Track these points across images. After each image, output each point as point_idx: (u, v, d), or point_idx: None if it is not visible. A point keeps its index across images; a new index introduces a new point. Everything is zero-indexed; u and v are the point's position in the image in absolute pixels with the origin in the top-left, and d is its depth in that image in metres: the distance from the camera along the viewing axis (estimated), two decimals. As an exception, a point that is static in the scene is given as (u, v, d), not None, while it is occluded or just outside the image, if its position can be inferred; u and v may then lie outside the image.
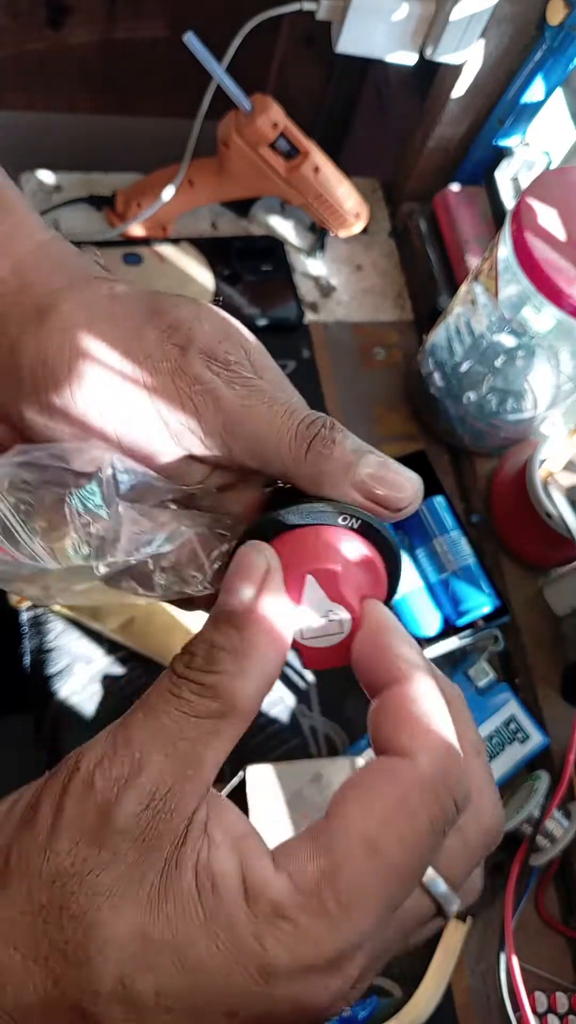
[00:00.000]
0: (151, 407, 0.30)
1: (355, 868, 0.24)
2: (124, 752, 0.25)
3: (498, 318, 0.66)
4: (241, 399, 0.30)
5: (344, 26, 0.71)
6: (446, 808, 0.25)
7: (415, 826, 0.25)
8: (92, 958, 0.23)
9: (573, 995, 0.64)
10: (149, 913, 0.23)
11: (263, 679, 0.27)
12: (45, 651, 0.64)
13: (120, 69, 1.09)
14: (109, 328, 0.30)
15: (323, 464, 0.29)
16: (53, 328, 0.30)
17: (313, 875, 0.24)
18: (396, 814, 0.25)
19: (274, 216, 0.89)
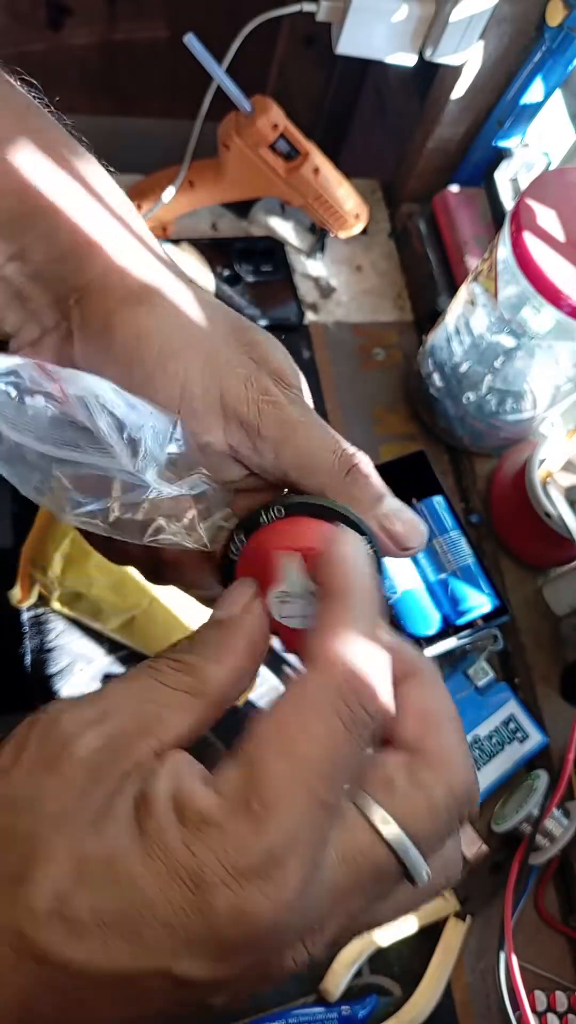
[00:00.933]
0: (219, 401, 0.33)
1: (272, 768, 0.25)
2: (94, 701, 0.27)
3: (497, 319, 0.66)
4: (299, 415, 0.33)
5: (344, 27, 0.72)
6: (354, 708, 0.26)
7: (329, 725, 0.26)
8: (31, 876, 0.24)
9: (572, 994, 0.64)
10: (89, 835, 0.24)
11: (235, 672, 0.29)
12: (46, 650, 0.64)
13: (120, 70, 1.09)
14: (199, 325, 0.33)
15: (356, 489, 0.33)
16: (152, 309, 0.33)
17: (235, 782, 0.25)
18: (307, 715, 0.26)
19: (274, 217, 0.89)
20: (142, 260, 0.34)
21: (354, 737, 0.26)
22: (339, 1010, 0.59)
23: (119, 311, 0.32)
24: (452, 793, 0.28)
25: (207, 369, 0.33)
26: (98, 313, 0.33)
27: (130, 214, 0.35)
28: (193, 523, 0.34)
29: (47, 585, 0.63)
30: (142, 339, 0.32)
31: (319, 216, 0.82)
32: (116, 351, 0.32)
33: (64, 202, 0.33)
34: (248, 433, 0.33)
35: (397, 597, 0.65)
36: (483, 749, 0.68)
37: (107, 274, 0.33)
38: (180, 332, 0.33)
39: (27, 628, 0.65)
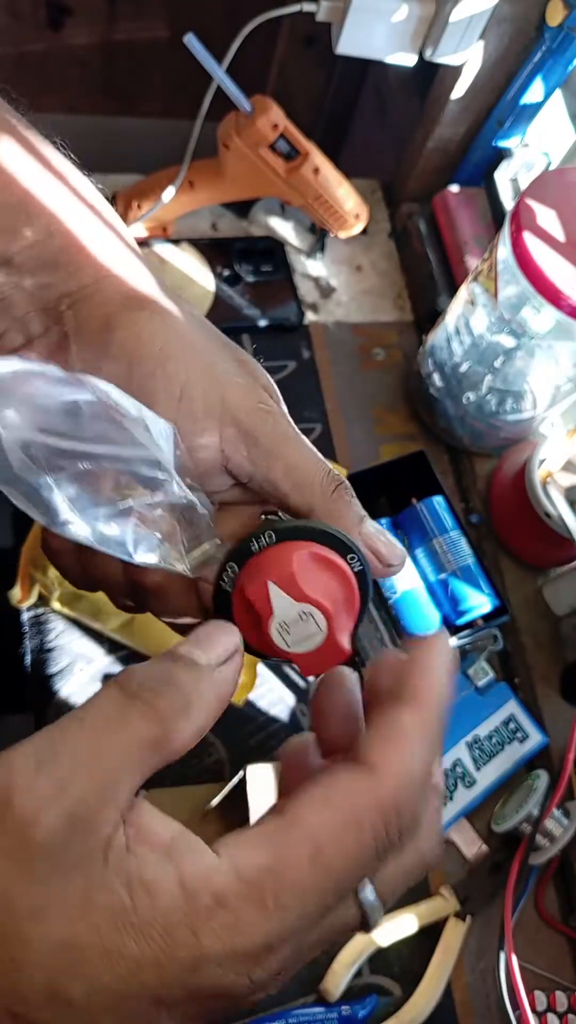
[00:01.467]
0: (220, 406, 0.33)
1: (298, 870, 0.25)
2: (47, 768, 0.25)
3: (497, 319, 0.66)
4: (293, 430, 0.34)
5: (344, 27, 0.72)
6: (391, 833, 0.26)
7: (361, 843, 0.26)
8: (20, 970, 0.23)
9: (572, 994, 0.64)
10: (76, 924, 0.24)
11: (200, 730, 0.28)
12: (46, 650, 0.64)
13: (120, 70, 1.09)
14: (197, 334, 0.34)
15: (342, 508, 0.34)
16: (152, 313, 0.33)
17: (258, 868, 0.25)
18: (346, 828, 0.25)
19: (274, 217, 0.89)
20: (134, 269, 0.34)
21: (380, 858, 0.26)
22: (339, 1010, 0.59)
23: (119, 314, 0.33)
24: (422, 861, 0.29)
25: (207, 374, 0.33)
26: (96, 316, 0.33)
27: (115, 221, 0.36)
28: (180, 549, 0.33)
29: (47, 585, 0.63)
30: (143, 339, 0.32)
31: (319, 216, 0.82)
32: (115, 351, 0.32)
33: (53, 208, 0.33)
34: (245, 441, 0.33)
35: (397, 597, 0.66)
36: (483, 749, 0.68)
37: (101, 281, 0.33)
38: (179, 338, 0.33)
39: (27, 628, 0.65)
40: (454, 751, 0.67)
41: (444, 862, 0.66)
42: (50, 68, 1.06)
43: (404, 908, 0.63)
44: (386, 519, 0.70)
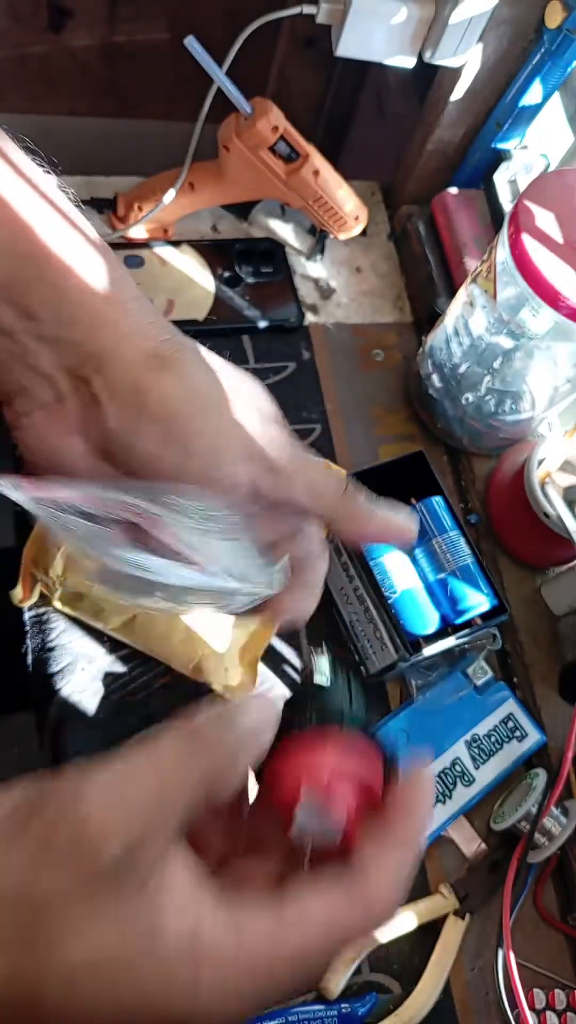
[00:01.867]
0: (247, 445, 0.38)
1: (292, 952, 0.28)
2: (121, 798, 0.27)
3: (496, 320, 0.67)
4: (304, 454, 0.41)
5: (344, 29, 0.72)
6: (369, 929, 0.30)
7: (345, 936, 0.29)
8: (46, 975, 0.26)
9: (571, 992, 0.64)
10: (105, 948, 0.26)
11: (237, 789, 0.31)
12: (47, 650, 0.64)
13: (121, 72, 1.09)
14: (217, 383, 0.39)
15: (354, 506, 0.41)
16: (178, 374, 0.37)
17: (263, 943, 0.28)
18: (337, 926, 0.29)
19: (274, 219, 0.90)
20: (146, 319, 0.37)
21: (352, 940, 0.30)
22: (339, 1008, 0.59)
23: (145, 376, 0.36)
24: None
25: (231, 421, 0.38)
26: (126, 381, 0.36)
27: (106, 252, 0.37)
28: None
29: (49, 585, 0.63)
30: (177, 399, 0.37)
31: (319, 218, 0.82)
32: (152, 411, 0.36)
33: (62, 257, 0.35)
34: (271, 472, 0.39)
35: (397, 597, 0.66)
36: (482, 748, 0.68)
37: (120, 342, 0.36)
38: (204, 396, 0.38)
39: (29, 627, 0.65)
40: (453, 750, 0.67)
41: (443, 860, 0.66)
42: (51, 70, 1.06)
43: (403, 906, 0.63)
44: (385, 519, 0.70)
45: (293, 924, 0.29)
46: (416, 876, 0.65)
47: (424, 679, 0.70)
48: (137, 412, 0.36)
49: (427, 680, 0.70)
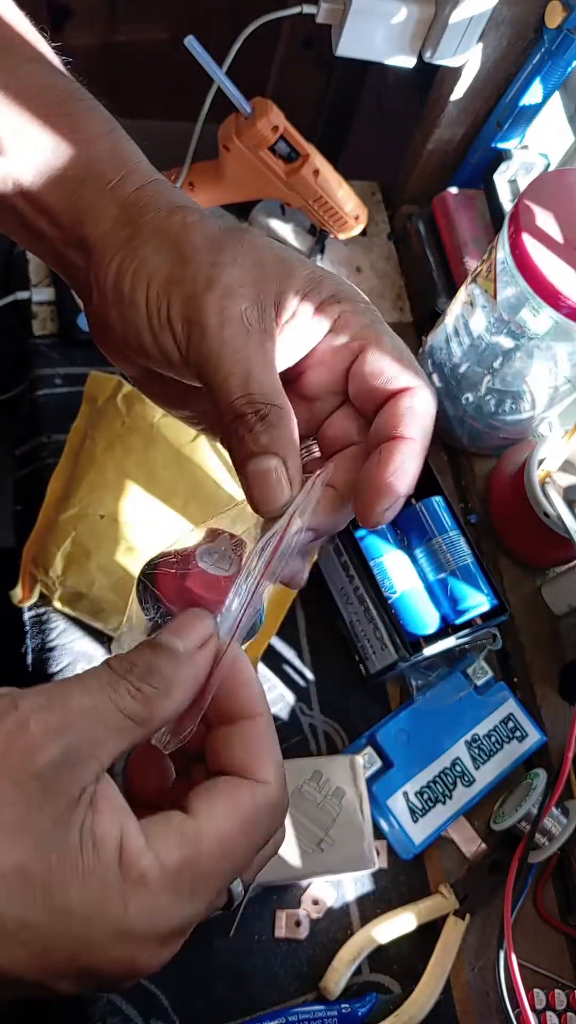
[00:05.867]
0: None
1: (211, 862, 0.29)
2: (58, 708, 0.28)
3: (496, 320, 0.67)
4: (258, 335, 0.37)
5: (344, 29, 0.72)
6: (275, 828, 0.32)
7: (258, 837, 0.31)
8: None
9: (571, 992, 0.64)
10: (35, 854, 0.26)
11: (179, 706, 0.32)
12: (47, 649, 0.64)
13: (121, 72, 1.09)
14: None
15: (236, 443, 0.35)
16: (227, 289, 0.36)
17: (178, 860, 0.29)
18: (250, 825, 0.31)
19: (274, 219, 0.89)
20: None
21: (261, 847, 0.32)
22: (339, 1008, 0.59)
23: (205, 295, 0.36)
24: (273, 851, 0.34)
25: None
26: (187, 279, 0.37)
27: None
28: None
29: (48, 585, 0.63)
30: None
31: (319, 218, 0.82)
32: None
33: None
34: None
35: (396, 597, 0.66)
36: (482, 748, 0.68)
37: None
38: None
39: (29, 627, 0.65)
40: (453, 750, 0.67)
41: (444, 860, 0.66)
42: (51, 70, 1.06)
43: (403, 906, 0.63)
44: (385, 519, 0.70)
45: (209, 839, 0.30)
46: (416, 876, 0.65)
47: (424, 679, 0.70)
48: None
49: (427, 680, 0.70)
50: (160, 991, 0.57)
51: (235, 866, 0.30)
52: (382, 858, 0.65)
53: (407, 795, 0.65)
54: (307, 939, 0.61)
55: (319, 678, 0.70)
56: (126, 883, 0.27)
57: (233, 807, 0.31)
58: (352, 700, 0.69)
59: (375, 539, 0.68)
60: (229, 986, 0.59)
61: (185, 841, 0.29)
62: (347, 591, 0.68)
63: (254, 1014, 0.58)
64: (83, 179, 0.39)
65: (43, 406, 0.73)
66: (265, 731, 0.33)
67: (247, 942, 0.60)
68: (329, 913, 0.62)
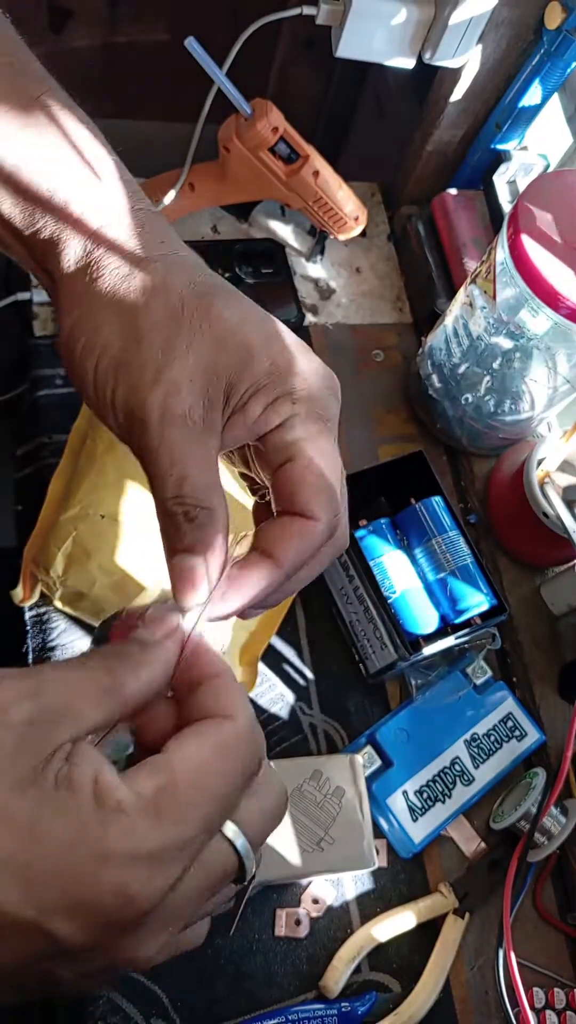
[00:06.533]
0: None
1: (187, 787, 0.30)
2: (32, 676, 0.30)
3: (496, 320, 0.67)
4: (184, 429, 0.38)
5: (344, 30, 0.72)
6: (253, 759, 0.33)
7: (234, 766, 0.32)
8: None
9: (571, 991, 0.64)
10: (12, 793, 0.27)
11: (148, 686, 0.33)
12: (48, 649, 0.64)
13: (121, 73, 1.09)
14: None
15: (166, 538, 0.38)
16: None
17: (152, 789, 0.30)
18: (223, 753, 0.32)
19: (274, 220, 0.90)
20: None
21: (246, 783, 0.33)
22: (339, 1006, 0.59)
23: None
24: (276, 803, 0.35)
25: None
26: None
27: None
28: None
29: (49, 584, 0.63)
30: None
31: (319, 218, 0.83)
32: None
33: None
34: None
35: (396, 597, 0.66)
36: (481, 747, 0.68)
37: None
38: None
39: (30, 627, 0.65)
40: (453, 749, 0.68)
41: (443, 859, 0.67)
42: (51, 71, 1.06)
43: (403, 905, 0.63)
44: (385, 519, 0.70)
45: (182, 768, 0.31)
46: (416, 875, 0.65)
47: (424, 679, 0.70)
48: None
49: (427, 680, 0.70)
50: (161, 990, 0.57)
51: (215, 793, 0.31)
52: (382, 857, 0.65)
53: (407, 794, 0.65)
54: (307, 938, 0.61)
55: (319, 677, 0.70)
56: (103, 811, 0.28)
57: (203, 739, 0.32)
58: (352, 699, 0.70)
59: (375, 539, 0.68)
60: (229, 985, 0.59)
61: (159, 772, 0.30)
62: (347, 591, 0.69)
63: (254, 1013, 0.58)
64: (48, 207, 0.38)
65: (44, 406, 0.74)
66: (230, 682, 0.35)
67: (247, 941, 0.60)
68: (329, 912, 0.63)
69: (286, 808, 0.36)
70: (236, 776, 0.32)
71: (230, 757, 0.32)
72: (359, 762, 0.63)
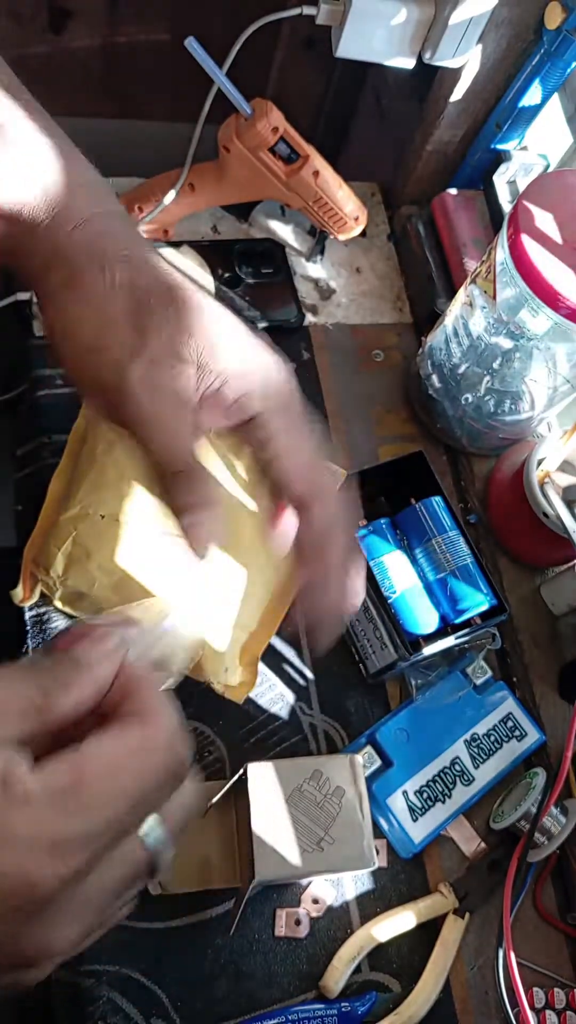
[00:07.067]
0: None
1: (98, 782, 0.31)
2: None
3: (496, 320, 0.67)
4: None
5: (344, 30, 0.72)
6: (173, 762, 0.33)
7: (149, 767, 0.32)
8: None
9: (571, 991, 0.64)
10: None
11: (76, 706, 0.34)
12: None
13: (121, 73, 1.10)
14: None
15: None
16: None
17: (62, 780, 0.30)
18: (137, 754, 0.32)
19: (274, 220, 0.90)
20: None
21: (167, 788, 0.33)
22: (339, 1006, 0.59)
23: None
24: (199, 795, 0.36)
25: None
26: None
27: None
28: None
29: (49, 584, 0.63)
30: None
31: (319, 219, 0.83)
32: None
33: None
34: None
35: (396, 597, 0.66)
36: (481, 747, 0.68)
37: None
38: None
39: (30, 627, 0.65)
40: (452, 749, 0.68)
41: (443, 859, 0.67)
42: (51, 71, 1.06)
43: (403, 905, 0.63)
44: (385, 519, 0.70)
45: (95, 763, 0.31)
46: (416, 875, 0.65)
47: (424, 679, 0.70)
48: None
49: (427, 680, 0.70)
50: (161, 990, 0.57)
51: (125, 791, 0.32)
52: (382, 857, 0.65)
53: (407, 794, 0.65)
54: (307, 938, 0.61)
55: (319, 677, 0.70)
56: (8, 799, 0.29)
57: (119, 739, 0.33)
58: (352, 699, 0.70)
59: (375, 539, 0.68)
60: (229, 985, 0.59)
61: (71, 766, 0.31)
62: (347, 591, 0.69)
63: (254, 1012, 0.58)
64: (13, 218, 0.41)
65: (44, 406, 0.74)
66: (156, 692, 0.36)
67: (247, 941, 0.60)
68: (329, 912, 0.63)
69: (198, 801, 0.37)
70: (151, 778, 0.33)
71: (146, 758, 0.33)
72: (359, 762, 0.63)
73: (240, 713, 0.66)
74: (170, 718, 0.35)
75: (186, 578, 0.43)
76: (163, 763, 0.33)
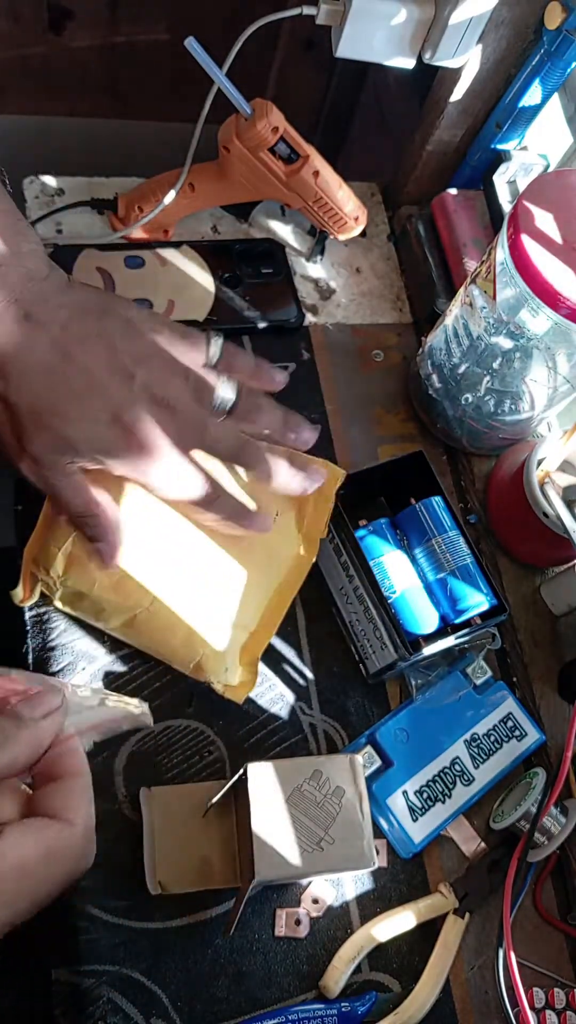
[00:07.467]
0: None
1: (6, 881, 0.33)
2: None
3: (496, 320, 0.67)
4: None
5: (344, 30, 0.72)
6: (77, 867, 0.37)
7: (58, 871, 0.36)
8: None
9: (571, 991, 0.64)
10: None
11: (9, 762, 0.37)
12: (48, 649, 0.64)
13: (121, 73, 1.10)
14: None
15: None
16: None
17: None
18: (49, 859, 0.35)
19: (274, 220, 0.90)
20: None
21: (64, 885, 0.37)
22: (339, 1006, 0.59)
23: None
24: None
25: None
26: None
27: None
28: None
29: (49, 584, 0.63)
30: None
31: (319, 219, 0.83)
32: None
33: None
34: None
35: (396, 597, 0.66)
36: (481, 747, 0.68)
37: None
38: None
39: (30, 627, 0.65)
40: (452, 749, 0.68)
41: (443, 859, 0.67)
42: (51, 71, 1.06)
43: (403, 905, 0.63)
44: (385, 519, 0.70)
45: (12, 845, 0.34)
46: (416, 875, 0.65)
47: (424, 679, 0.70)
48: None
49: (427, 680, 0.70)
50: (160, 990, 0.57)
51: (32, 890, 0.35)
52: (382, 857, 0.65)
53: (406, 794, 0.65)
54: (307, 938, 0.61)
55: (319, 677, 0.70)
56: None
57: (39, 841, 0.35)
58: (352, 699, 0.70)
59: (375, 539, 0.68)
60: (229, 985, 0.59)
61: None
62: (347, 591, 0.69)
63: (254, 1013, 0.58)
64: None
65: (44, 406, 0.73)
66: (83, 788, 0.39)
67: (247, 941, 0.60)
68: (329, 912, 0.63)
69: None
70: (55, 883, 0.36)
71: (59, 864, 0.36)
72: (359, 762, 0.63)
73: (240, 713, 0.66)
74: (88, 818, 0.37)
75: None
76: (69, 872, 0.36)
